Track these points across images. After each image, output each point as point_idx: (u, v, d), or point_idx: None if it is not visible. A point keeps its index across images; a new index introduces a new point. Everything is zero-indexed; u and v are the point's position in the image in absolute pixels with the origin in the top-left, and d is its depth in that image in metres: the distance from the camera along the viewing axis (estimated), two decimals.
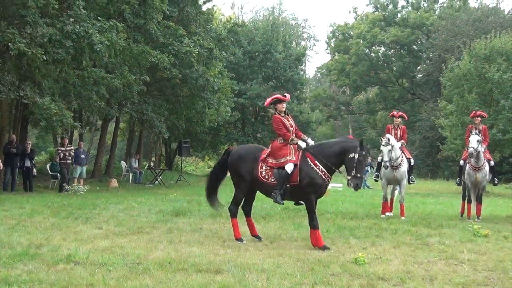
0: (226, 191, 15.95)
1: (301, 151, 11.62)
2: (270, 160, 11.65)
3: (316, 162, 11.32)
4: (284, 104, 12.08)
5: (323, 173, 11.32)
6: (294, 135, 11.95)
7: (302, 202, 12.02)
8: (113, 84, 26.42)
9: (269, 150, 11.90)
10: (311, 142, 11.86)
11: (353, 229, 14.10)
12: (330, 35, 77.94)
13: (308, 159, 11.38)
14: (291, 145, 11.72)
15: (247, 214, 12.64)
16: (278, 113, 12.11)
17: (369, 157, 40.19)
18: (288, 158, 11.46)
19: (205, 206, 18.61)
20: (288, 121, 12.00)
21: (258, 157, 11.89)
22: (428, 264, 10.07)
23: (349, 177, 11.27)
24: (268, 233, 13.14)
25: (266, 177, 11.60)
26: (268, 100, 12.22)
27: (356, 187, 11.20)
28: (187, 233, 12.87)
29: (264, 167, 11.69)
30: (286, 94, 12.29)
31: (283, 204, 11.77)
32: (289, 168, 11.32)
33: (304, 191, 11.42)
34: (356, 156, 11.05)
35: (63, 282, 7.81)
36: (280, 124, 11.94)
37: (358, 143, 11.19)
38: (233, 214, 12.35)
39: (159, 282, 8.00)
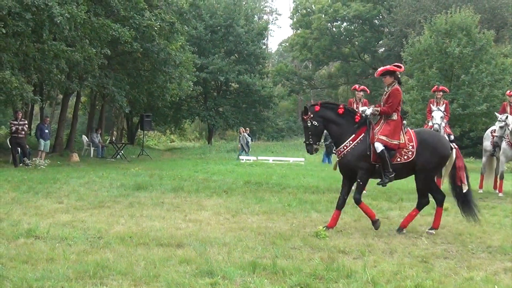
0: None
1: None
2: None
3: None
4: (387, 77, 11.50)
5: None
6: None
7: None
8: (74, 57, 26.06)
9: None
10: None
11: (314, 203, 14.18)
12: (293, 11, 77.61)
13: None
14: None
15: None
16: None
17: (246, 133, 40.08)
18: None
19: (166, 180, 18.65)
20: (383, 95, 11.48)
21: None
22: (389, 237, 10.18)
23: None
24: (230, 207, 13.16)
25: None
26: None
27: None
28: (148, 207, 12.85)
29: None
30: (383, 67, 11.82)
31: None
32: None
33: None
34: None
35: (23, 257, 7.78)
36: None
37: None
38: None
39: (120, 256, 7.99)
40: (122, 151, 36.06)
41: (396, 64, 11.62)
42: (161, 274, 7.21)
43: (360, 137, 10.85)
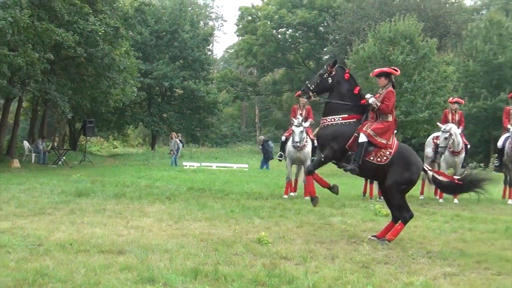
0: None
1: None
2: None
3: None
4: (382, 79, 11.34)
5: None
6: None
7: None
8: (16, 62, 25.72)
9: None
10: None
11: (257, 209, 14.19)
12: (239, 17, 77.59)
13: None
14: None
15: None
16: None
17: (178, 138, 40.42)
18: None
19: (108, 187, 18.49)
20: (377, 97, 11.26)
21: None
22: (330, 243, 10.24)
23: None
24: (172, 213, 13.09)
25: None
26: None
27: None
28: (90, 214, 12.70)
29: None
30: (380, 68, 11.93)
31: None
32: None
33: None
34: None
35: None
36: None
37: None
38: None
39: (60, 264, 7.90)
40: (64, 157, 35.69)
41: (393, 67, 11.73)
42: (101, 281, 7.14)
43: (351, 120, 10.92)
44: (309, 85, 11.15)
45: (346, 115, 10.92)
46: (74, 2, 30.43)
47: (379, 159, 10.76)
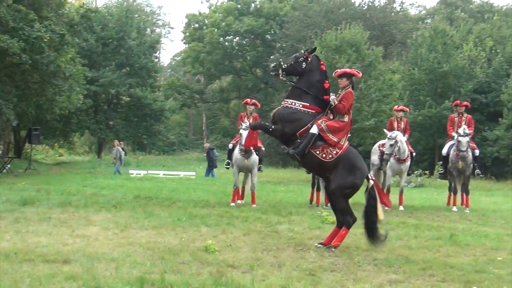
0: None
1: None
2: None
3: None
4: (344, 80, 11.31)
5: None
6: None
7: None
8: None
9: None
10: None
11: (204, 217, 14.16)
12: (186, 25, 77.43)
13: None
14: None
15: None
16: None
17: (120, 146, 40.22)
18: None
19: (54, 195, 18.28)
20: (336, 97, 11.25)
21: None
22: (277, 251, 10.26)
23: None
24: (118, 222, 12.98)
25: None
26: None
27: None
28: (35, 222, 12.53)
29: None
30: (343, 69, 12.15)
31: None
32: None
33: None
34: None
35: None
36: None
37: None
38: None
39: (4, 274, 7.78)
40: (8, 165, 35.24)
41: (356, 69, 11.89)
42: None
43: (310, 110, 10.99)
44: (282, 64, 11.17)
45: (308, 104, 11.01)
46: (19, 9, 30.14)
47: (324, 156, 10.84)
